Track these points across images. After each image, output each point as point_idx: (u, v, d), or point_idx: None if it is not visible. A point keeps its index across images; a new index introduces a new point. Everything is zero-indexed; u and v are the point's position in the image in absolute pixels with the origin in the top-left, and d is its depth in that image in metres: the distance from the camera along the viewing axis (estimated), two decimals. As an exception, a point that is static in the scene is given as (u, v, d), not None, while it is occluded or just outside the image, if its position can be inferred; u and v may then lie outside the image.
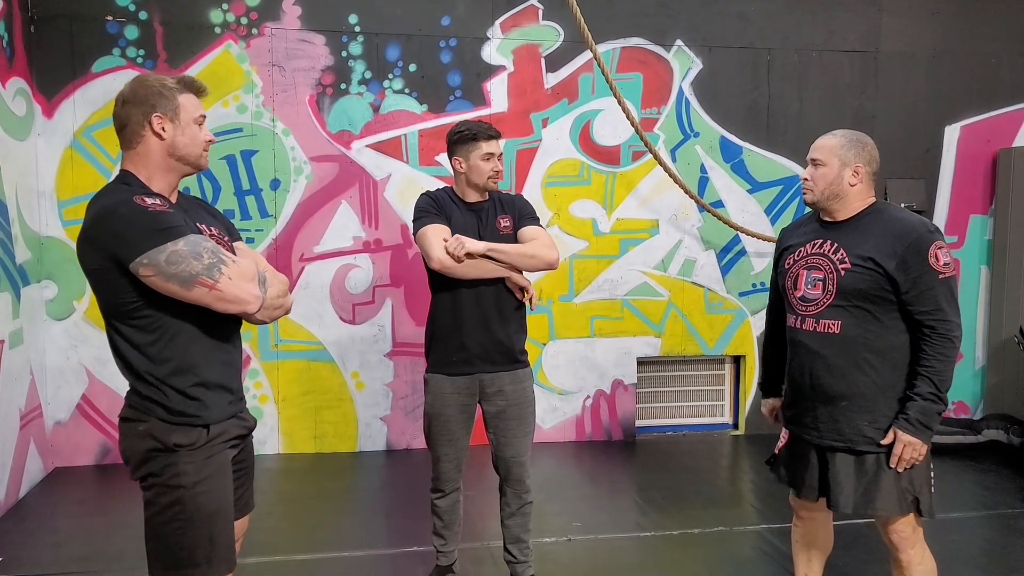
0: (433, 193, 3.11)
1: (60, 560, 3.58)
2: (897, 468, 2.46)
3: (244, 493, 2.30)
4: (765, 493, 4.43)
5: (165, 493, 2.02)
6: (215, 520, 2.06)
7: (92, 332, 4.77)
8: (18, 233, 4.38)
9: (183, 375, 2.03)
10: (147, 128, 2.04)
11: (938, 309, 2.43)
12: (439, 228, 2.95)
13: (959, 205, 5.72)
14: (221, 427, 2.10)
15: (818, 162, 2.57)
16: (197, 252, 1.93)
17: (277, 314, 2.14)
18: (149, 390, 2.03)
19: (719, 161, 5.42)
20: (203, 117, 2.13)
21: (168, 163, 2.08)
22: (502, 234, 3.03)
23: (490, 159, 2.98)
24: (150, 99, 2.04)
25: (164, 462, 2.02)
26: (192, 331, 2.04)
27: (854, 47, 5.51)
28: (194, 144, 2.09)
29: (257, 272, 2.06)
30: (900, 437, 2.44)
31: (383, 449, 5.20)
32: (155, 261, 1.90)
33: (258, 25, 4.85)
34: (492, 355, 3.01)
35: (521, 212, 3.10)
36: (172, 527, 2.02)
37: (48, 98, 4.67)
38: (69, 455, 4.81)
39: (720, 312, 5.53)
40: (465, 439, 3.13)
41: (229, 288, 1.96)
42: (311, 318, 5.02)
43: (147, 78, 2.09)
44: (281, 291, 2.14)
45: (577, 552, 3.73)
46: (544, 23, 5.16)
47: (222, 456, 2.10)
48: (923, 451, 2.45)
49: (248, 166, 4.89)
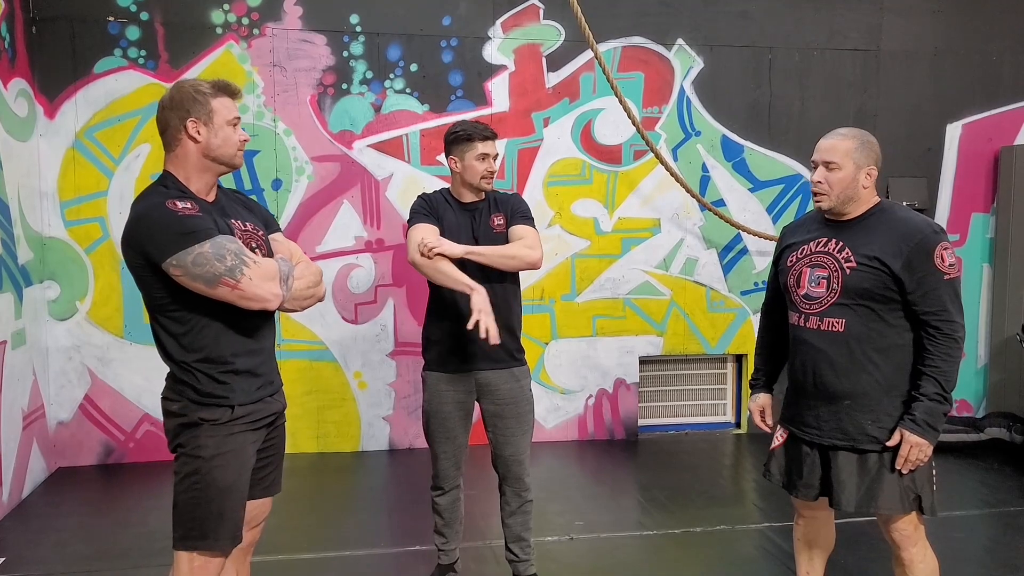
0: (428, 195, 3.15)
1: (63, 560, 3.58)
2: (902, 470, 2.46)
3: (271, 473, 2.43)
4: (767, 492, 4.43)
5: (187, 463, 2.19)
6: (226, 495, 2.19)
7: (94, 332, 4.78)
8: (20, 234, 4.38)
9: (212, 363, 2.19)
10: (183, 132, 2.19)
11: (943, 309, 2.42)
12: (425, 228, 3.00)
13: (961, 203, 5.72)
14: (246, 409, 2.24)
15: (833, 165, 2.50)
16: (221, 254, 2.09)
17: (308, 304, 2.33)
18: (183, 374, 2.20)
19: (720, 160, 5.42)
20: (237, 119, 2.26)
21: (204, 164, 2.23)
22: (496, 232, 3.06)
23: (485, 159, 3.01)
24: (185, 104, 2.18)
25: (190, 435, 2.19)
26: (220, 324, 2.19)
27: (856, 46, 5.51)
28: (227, 145, 2.23)
29: (279, 271, 2.20)
30: (907, 438, 2.43)
31: (385, 449, 5.20)
32: (183, 263, 2.07)
33: (259, 25, 4.86)
34: (489, 353, 2.99)
35: (514, 210, 3.11)
36: (188, 496, 2.19)
37: (50, 99, 4.68)
38: (72, 455, 4.82)
39: (722, 311, 5.53)
40: (463, 436, 3.14)
41: (250, 288, 2.12)
42: (313, 318, 5.03)
43: (183, 84, 2.24)
44: (312, 281, 2.31)
45: (580, 551, 3.73)
46: (545, 22, 5.16)
47: (243, 437, 2.23)
48: (929, 452, 2.45)
49: (250, 166, 4.89)
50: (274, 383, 2.37)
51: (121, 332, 4.82)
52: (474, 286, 2.87)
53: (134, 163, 4.77)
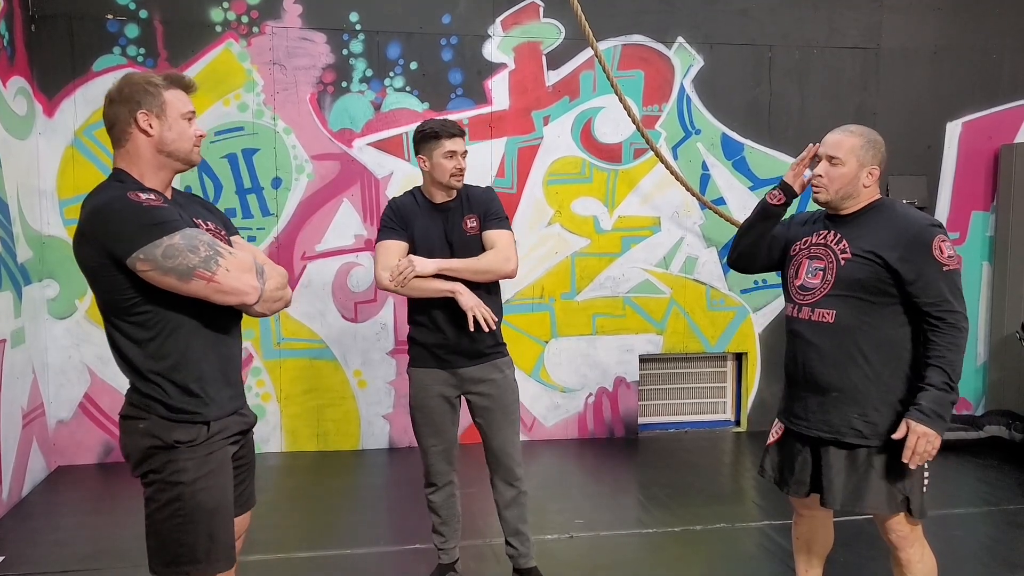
0: (397, 202, 3.10)
1: (63, 558, 3.58)
2: (910, 464, 2.40)
3: (245, 489, 2.30)
4: (767, 490, 4.43)
5: (165, 490, 2.03)
6: (215, 517, 2.06)
7: (94, 331, 4.78)
8: (19, 232, 4.38)
9: (182, 370, 2.03)
10: (133, 125, 2.04)
11: (944, 300, 2.40)
12: (393, 246, 2.99)
13: (961, 201, 5.71)
14: (221, 424, 2.10)
15: (836, 161, 2.50)
16: (194, 245, 1.93)
17: (276, 307, 2.13)
18: (149, 387, 2.03)
19: (720, 158, 5.42)
20: (192, 113, 2.12)
21: (158, 159, 2.07)
22: (469, 235, 3.02)
23: (452, 157, 2.96)
24: (135, 96, 2.03)
25: (164, 459, 2.02)
26: (191, 325, 2.04)
27: (856, 43, 5.50)
28: (182, 139, 2.08)
29: (255, 263, 2.06)
30: (914, 428, 2.37)
31: (385, 447, 5.20)
32: (151, 256, 1.90)
33: (259, 23, 4.85)
34: (469, 348, 3.03)
35: (487, 211, 3.04)
36: (172, 523, 2.03)
37: (49, 97, 4.67)
38: (72, 454, 4.82)
39: (722, 309, 5.52)
40: (452, 431, 3.15)
41: (227, 280, 1.97)
42: (313, 316, 5.03)
43: (133, 76, 2.09)
44: (280, 283, 2.13)
45: (579, 549, 3.73)
46: (545, 20, 5.16)
47: (222, 453, 2.11)
48: (937, 444, 2.39)
49: (249, 165, 4.89)
50: (243, 395, 2.25)
51: (121, 331, 4.81)
52: (454, 288, 2.89)
53: (133, 161, 4.76)
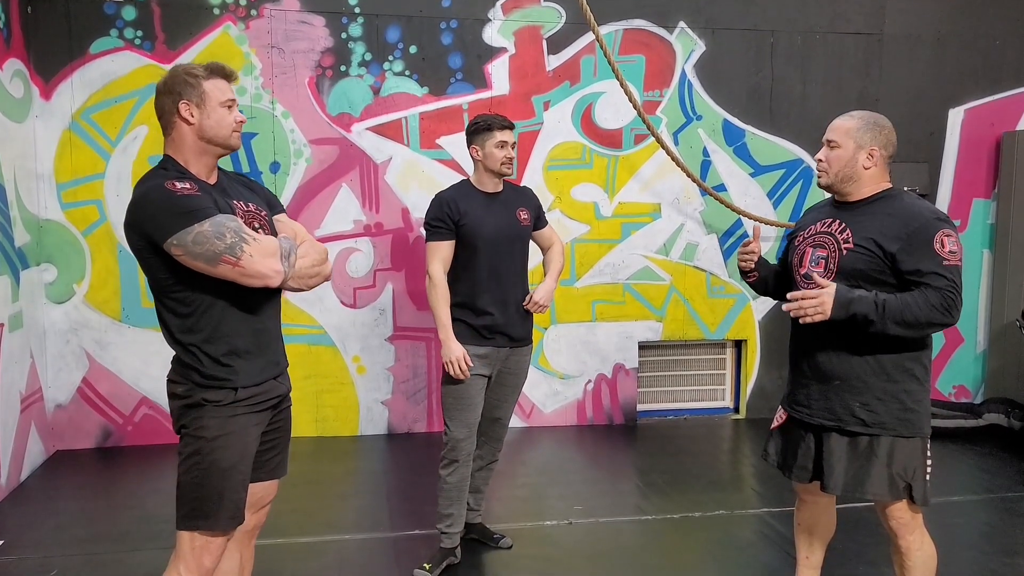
0: (445, 197, 3.29)
1: (62, 542, 3.58)
2: (783, 307, 2.45)
3: (276, 456, 2.45)
4: (766, 476, 4.44)
5: (190, 443, 2.21)
6: (227, 477, 2.21)
7: (92, 315, 4.76)
8: (17, 216, 4.36)
9: (215, 342, 2.21)
10: (177, 115, 2.22)
11: (947, 282, 2.35)
12: (443, 248, 3.22)
13: (962, 189, 5.70)
14: (249, 391, 2.26)
15: (833, 143, 2.55)
16: (221, 232, 2.10)
17: (314, 282, 2.32)
18: (188, 357, 2.22)
19: (722, 144, 5.39)
20: (231, 100, 2.29)
21: (200, 146, 2.25)
22: (523, 226, 3.34)
23: (503, 147, 3.25)
24: (177, 87, 2.22)
25: (193, 415, 2.22)
26: (223, 304, 2.21)
27: (858, 29, 5.46)
28: (221, 126, 2.25)
29: (279, 247, 2.20)
30: (825, 291, 2.37)
31: (384, 433, 5.20)
32: (183, 242, 2.08)
33: (257, 6, 4.81)
34: (513, 332, 3.30)
35: (539, 210, 3.46)
36: (190, 476, 2.20)
37: (46, 80, 4.63)
38: (70, 438, 4.81)
39: (722, 296, 5.51)
40: (480, 408, 3.30)
41: (251, 264, 2.13)
42: (312, 302, 5.01)
43: (177, 68, 2.28)
44: (317, 260, 2.32)
45: (578, 535, 3.73)
46: (546, 4, 5.11)
47: (246, 419, 2.25)
48: (817, 318, 2.38)
49: (247, 149, 4.86)
50: (279, 364, 2.38)
51: (119, 315, 4.80)
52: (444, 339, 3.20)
53: (131, 145, 4.74)
